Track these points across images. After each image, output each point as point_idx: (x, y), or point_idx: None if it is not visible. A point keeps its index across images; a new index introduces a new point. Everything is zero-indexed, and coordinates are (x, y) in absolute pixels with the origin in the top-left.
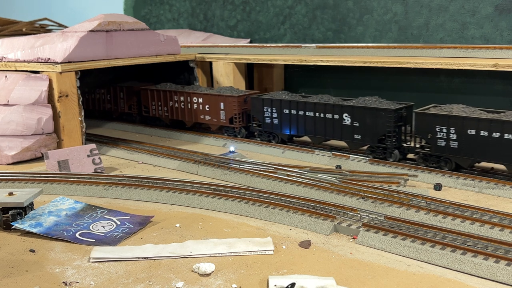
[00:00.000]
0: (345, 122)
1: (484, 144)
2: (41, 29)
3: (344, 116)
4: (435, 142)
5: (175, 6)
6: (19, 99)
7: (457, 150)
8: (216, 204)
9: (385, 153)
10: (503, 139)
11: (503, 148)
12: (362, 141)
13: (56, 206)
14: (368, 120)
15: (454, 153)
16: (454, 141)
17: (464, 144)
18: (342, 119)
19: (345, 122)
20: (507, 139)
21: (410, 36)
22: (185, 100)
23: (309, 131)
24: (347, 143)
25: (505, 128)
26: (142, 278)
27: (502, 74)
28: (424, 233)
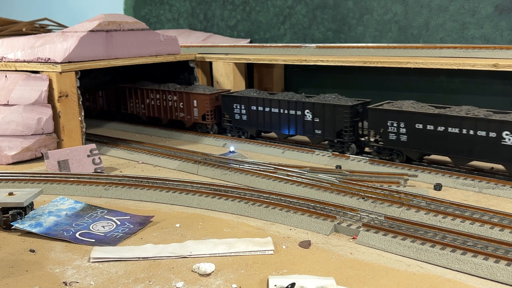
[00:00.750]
0: (307, 118)
1: (430, 138)
2: (41, 29)
3: (305, 112)
4: (387, 136)
5: (175, 6)
6: (19, 99)
7: (407, 143)
8: (216, 204)
9: (343, 147)
10: (447, 132)
11: (447, 141)
12: (322, 136)
13: (56, 206)
14: (327, 116)
15: (404, 146)
16: (404, 134)
17: (412, 138)
18: (304, 115)
19: (307, 118)
20: (451, 133)
21: (410, 36)
22: (160, 98)
23: (274, 126)
24: (309, 138)
25: (449, 122)
26: (142, 278)
27: (502, 74)
28: (424, 233)
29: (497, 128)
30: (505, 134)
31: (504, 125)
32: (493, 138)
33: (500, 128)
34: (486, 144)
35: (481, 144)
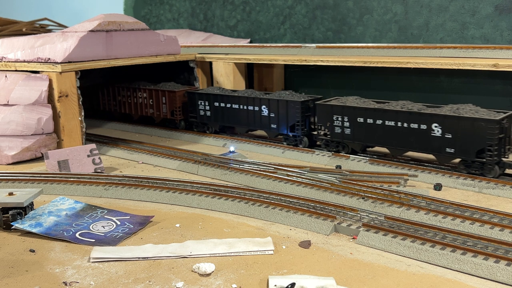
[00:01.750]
0: (264, 114)
1: (371, 130)
2: (41, 29)
3: (262, 108)
4: (333, 129)
5: (175, 6)
6: (19, 99)
7: (350, 136)
8: (216, 204)
9: (296, 141)
10: (385, 125)
11: (385, 133)
12: (277, 130)
13: (56, 206)
14: (281, 111)
15: (348, 139)
16: (348, 128)
17: (355, 131)
18: (261, 111)
19: (264, 114)
20: (388, 125)
21: (410, 36)
22: (131, 95)
23: (235, 122)
24: (266, 132)
25: (386, 116)
26: (142, 278)
27: (502, 74)
28: (424, 233)
29: (427, 121)
30: (434, 126)
31: (433, 118)
32: (424, 130)
33: (430, 121)
34: (418, 135)
35: (414, 135)
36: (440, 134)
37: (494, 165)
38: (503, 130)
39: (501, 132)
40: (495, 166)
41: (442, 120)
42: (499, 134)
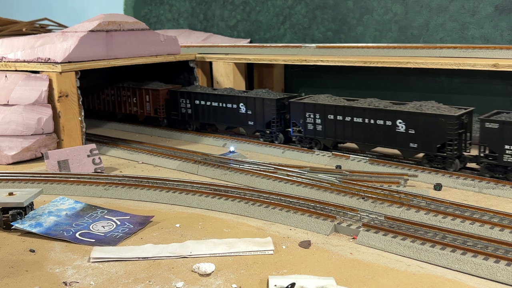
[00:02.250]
0: (242, 111)
1: (340, 127)
2: (41, 29)
3: (240, 106)
4: (306, 126)
5: (175, 6)
6: (19, 99)
7: (322, 133)
8: (216, 204)
9: (272, 137)
10: (353, 122)
11: (354, 130)
12: (254, 127)
13: (56, 206)
14: (258, 109)
15: (320, 135)
16: (319, 125)
17: (326, 127)
18: (239, 109)
19: (242, 111)
20: (356, 122)
21: (410, 36)
22: (115, 94)
23: (215, 119)
24: (243, 129)
25: (354, 113)
26: (142, 278)
27: (502, 74)
28: (424, 233)
29: (392, 117)
30: (398, 122)
31: (398, 114)
32: (389, 126)
33: (394, 117)
34: (384, 131)
35: (381, 131)
36: (404, 130)
37: (454, 159)
38: (463, 126)
39: (461, 127)
40: (455, 160)
41: (405, 117)
42: (458, 130)
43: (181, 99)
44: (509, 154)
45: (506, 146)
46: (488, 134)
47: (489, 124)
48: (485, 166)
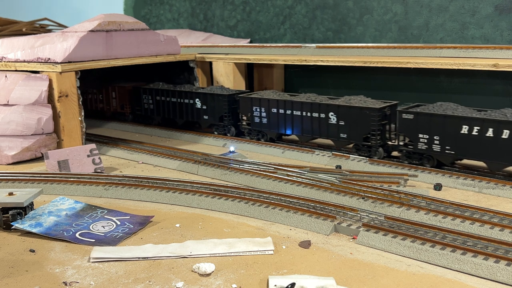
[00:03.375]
0: (197, 106)
1: (283, 120)
2: (41, 29)
3: (196, 101)
4: (253, 119)
5: (175, 6)
6: (19, 99)
7: (267, 125)
8: (216, 204)
9: (225, 130)
10: (293, 115)
11: (294, 123)
12: (209, 121)
13: (56, 206)
14: (211, 104)
15: (265, 128)
16: (264, 118)
17: (271, 120)
18: (195, 104)
19: (197, 106)
20: (296, 115)
21: (410, 36)
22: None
23: (174, 114)
24: (199, 122)
25: (294, 107)
26: (142, 278)
27: (502, 74)
28: (424, 233)
29: (325, 110)
30: (331, 114)
31: (330, 107)
32: (323, 118)
33: (327, 110)
34: (319, 123)
35: (316, 123)
36: (335, 122)
37: (378, 147)
38: (385, 117)
39: (383, 119)
40: (379, 148)
41: (336, 109)
42: (381, 121)
43: (143, 95)
44: (423, 142)
45: (420, 135)
46: (404, 124)
47: (405, 115)
48: (404, 154)
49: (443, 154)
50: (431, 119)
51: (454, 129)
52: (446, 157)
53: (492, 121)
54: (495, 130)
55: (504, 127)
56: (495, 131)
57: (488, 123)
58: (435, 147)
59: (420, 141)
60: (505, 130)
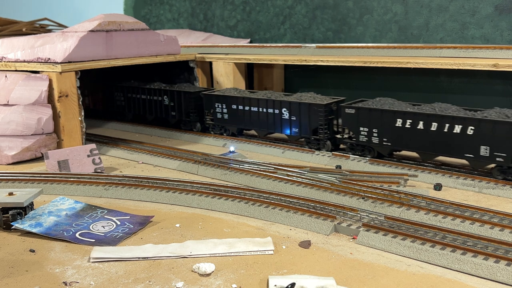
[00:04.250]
0: (165, 103)
1: (242, 116)
2: (41, 29)
3: (164, 98)
4: (216, 115)
5: (175, 6)
6: (19, 99)
7: (228, 121)
8: (216, 204)
9: (191, 125)
10: (251, 111)
11: (251, 118)
12: (175, 117)
13: (56, 206)
14: (177, 101)
15: (227, 123)
16: (226, 114)
17: (231, 116)
18: (163, 101)
19: (165, 103)
20: (253, 111)
21: (410, 36)
22: None
23: (144, 111)
24: (166, 119)
25: (251, 103)
26: (142, 278)
27: (502, 74)
28: (424, 233)
29: (279, 106)
30: (284, 110)
31: (282, 104)
32: (277, 113)
33: (280, 106)
34: (274, 119)
35: (271, 119)
36: (287, 117)
37: (326, 140)
38: (332, 113)
39: (330, 114)
40: (327, 141)
41: (288, 105)
42: (328, 116)
43: (115, 92)
44: (363, 134)
45: (361, 128)
46: (347, 118)
47: (348, 110)
48: (348, 146)
49: (381, 145)
50: (370, 113)
51: (390, 122)
52: (384, 148)
53: (422, 114)
54: (425, 123)
55: (432, 120)
56: (425, 123)
57: (419, 117)
58: (374, 139)
59: (361, 134)
60: (433, 123)
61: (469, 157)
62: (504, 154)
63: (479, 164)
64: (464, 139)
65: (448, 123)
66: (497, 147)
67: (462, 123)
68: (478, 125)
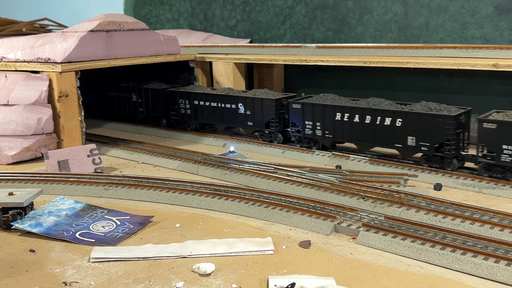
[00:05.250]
0: (133, 100)
1: (203, 111)
2: (41, 29)
3: (132, 95)
4: (180, 111)
5: (175, 6)
6: (19, 99)
7: (190, 116)
8: (216, 204)
9: (157, 121)
10: (210, 106)
11: (211, 113)
12: (143, 113)
13: (56, 206)
14: (145, 97)
15: (189, 118)
16: (188, 109)
17: (193, 112)
18: (131, 97)
19: (133, 100)
20: (213, 106)
21: (410, 36)
22: None
23: (113, 107)
24: (134, 115)
25: (211, 99)
26: (142, 278)
27: (502, 74)
28: (424, 233)
29: (235, 101)
30: (240, 105)
31: (239, 99)
32: (234, 108)
33: (237, 101)
34: (231, 113)
35: (229, 113)
36: (243, 112)
37: (277, 133)
38: (283, 107)
39: (281, 109)
40: (278, 134)
41: (244, 101)
42: (278, 110)
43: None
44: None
45: (306, 122)
46: (293, 113)
47: (295, 105)
48: (296, 139)
49: (324, 138)
50: (313, 108)
51: (331, 116)
52: (326, 140)
53: (358, 108)
54: (360, 116)
55: (367, 114)
56: (360, 117)
57: (355, 111)
58: (318, 132)
59: (306, 128)
60: (368, 116)
61: (399, 147)
62: (427, 143)
63: (407, 153)
64: (394, 130)
65: (379, 116)
66: (422, 137)
67: (391, 115)
68: (405, 117)
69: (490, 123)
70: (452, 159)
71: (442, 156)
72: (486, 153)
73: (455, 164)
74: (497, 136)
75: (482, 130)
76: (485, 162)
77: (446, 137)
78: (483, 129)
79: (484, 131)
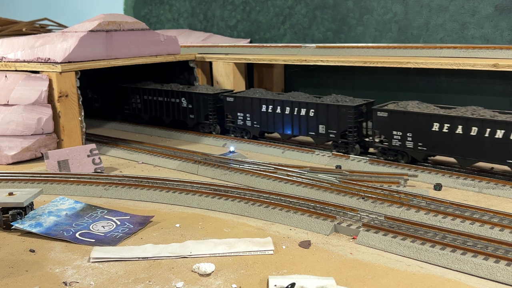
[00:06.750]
0: (89, 95)
1: (155, 106)
2: (41, 29)
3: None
4: (132, 105)
5: (175, 6)
6: (19, 99)
7: (142, 110)
8: (216, 204)
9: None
10: (157, 100)
11: (158, 107)
12: (103, 111)
13: (56, 206)
14: (101, 94)
15: (141, 113)
16: (139, 103)
17: (144, 107)
18: (87, 94)
19: (89, 95)
20: (159, 100)
21: (410, 36)
22: None
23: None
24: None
25: (157, 94)
26: (142, 278)
27: (502, 74)
28: (424, 233)
29: (179, 96)
30: (183, 99)
31: (182, 94)
32: (178, 102)
33: (180, 96)
34: (175, 106)
35: (174, 107)
36: (186, 105)
37: (216, 125)
38: (218, 102)
39: (217, 103)
40: (217, 126)
41: (186, 96)
42: (216, 104)
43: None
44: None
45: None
46: (227, 106)
47: (228, 99)
48: (231, 129)
49: (253, 128)
50: (243, 101)
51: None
52: (255, 130)
53: (278, 100)
54: (281, 108)
55: (287, 105)
56: (281, 109)
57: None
58: (248, 122)
59: (238, 119)
60: (287, 107)
61: (312, 135)
62: (335, 131)
63: (319, 140)
64: (308, 120)
65: (296, 107)
66: (330, 125)
67: (305, 107)
68: (317, 108)
69: (382, 112)
70: (354, 144)
71: (347, 142)
72: (382, 139)
73: (358, 149)
74: (389, 123)
75: (376, 118)
76: (381, 146)
77: (349, 125)
78: (378, 117)
79: (378, 119)
